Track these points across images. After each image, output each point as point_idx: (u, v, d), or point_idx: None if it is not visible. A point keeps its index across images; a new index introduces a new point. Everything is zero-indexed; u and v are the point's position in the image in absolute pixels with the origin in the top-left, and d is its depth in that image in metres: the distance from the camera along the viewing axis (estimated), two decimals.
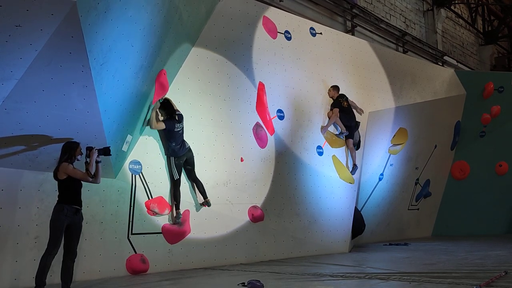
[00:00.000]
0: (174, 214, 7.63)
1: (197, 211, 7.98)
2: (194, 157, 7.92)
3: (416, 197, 13.02)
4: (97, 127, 6.03)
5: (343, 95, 10.28)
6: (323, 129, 10.02)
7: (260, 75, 9.17)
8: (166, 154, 7.69)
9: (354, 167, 10.24)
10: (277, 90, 9.42)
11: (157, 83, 7.30)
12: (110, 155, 5.72)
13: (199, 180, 7.96)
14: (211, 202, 8.00)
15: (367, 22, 16.51)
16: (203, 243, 7.95)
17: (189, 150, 7.81)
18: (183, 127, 7.69)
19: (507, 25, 25.97)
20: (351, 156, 10.29)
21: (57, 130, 5.90)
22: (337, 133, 10.25)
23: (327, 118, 10.17)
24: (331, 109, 10.17)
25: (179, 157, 7.66)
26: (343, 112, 10.16)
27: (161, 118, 7.59)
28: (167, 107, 7.63)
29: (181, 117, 7.65)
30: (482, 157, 13.61)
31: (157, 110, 7.52)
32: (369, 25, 16.59)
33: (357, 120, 10.46)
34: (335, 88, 10.26)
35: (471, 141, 13.88)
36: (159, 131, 7.64)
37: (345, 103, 10.22)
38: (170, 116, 7.57)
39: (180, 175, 7.69)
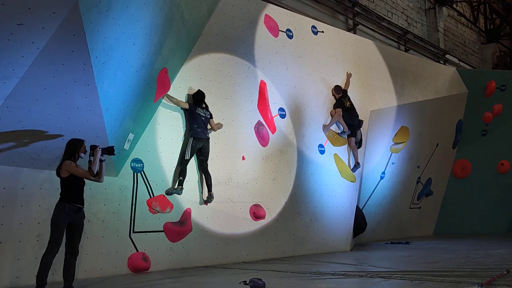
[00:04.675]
0: (175, 187, 7.64)
1: (199, 205, 7.98)
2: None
3: (417, 195, 13.02)
4: (99, 126, 6.04)
5: (346, 95, 10.28)
6: (325, 128, 10.01)
7: (262, 74, 9.17)
8: (188, 135, 7.86)
9: (357, 165, 10.22)
10: (279, 88, 9.41)
11: (158, 81, 7.30)
12: (114, 154, 5.72)
13: (209, 173, 8.01)
14: (213, 201, 8.03)
15: (368, 21, 16.49)
16: (204, 241, 7.96)
17: (207, 140, 7.99)
18: (206, 116, 7.99)
19: (509, 24, 25.90)
20: (353, 154, 10.28)
21: (59, 129, 5.90)
22: (339, 132, 10.24)
23: (330, 117, 10.16)
24: (334, 109, 10.17)
25: (197, 140, 7.81)
26: (346, 111, 10.16)
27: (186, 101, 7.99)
28: (200, 96, 8.01)
29: (207, 108, 8.08)
30: (484, 155, 13.60)
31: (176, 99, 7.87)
32: (370, 24, 16.57)
33: (360, 118, 10.46)
34: (336, 88, 10.25)
35: (473, 140, 13.87)
36: (185, 115, 7.93)
37: (348, 103, 10.22)
38: (197, 102, 7.95)
39: (191, 157, 7.78)
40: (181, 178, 7.66)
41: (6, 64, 5.08)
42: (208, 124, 8.10)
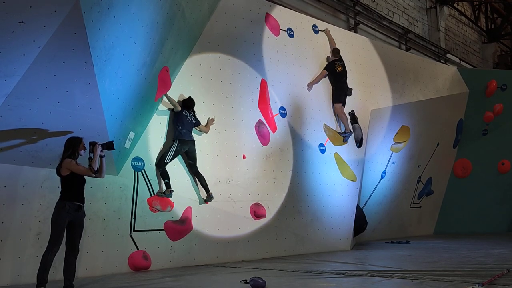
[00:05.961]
0: (163, 191, 7.54)
1: (199, 204, 7.98)
2: (196, 154, 7.94)
3: (418, 195, 13.02)
4: (100, 124, 6.04)
5: (341, 59, 10.17)
6: (309, 85, 9.87)
7: (263, 73, 9.17)
8: (172, 138, 7.74)
9: (348, 133, 10.11)
10: (280, 87, 9.41)
11: (159, 80, 7.30)
12: (114, 149, 5.71)
13: (201, 174, 7.96)
14: (213, 199, 8.02)
15: (369, 20, 16.48)
16: (205, 240, 7.96)
17: (193, 143, 7.87)
18: (192, 120, 7.86)
19: (510, 23, 25.89)
20: (342, 122, 10.15)
21: (60, 127, 5.90)
22: (340, 131, 10.21)
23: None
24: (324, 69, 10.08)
25: (182, 144, 7.68)
26: (336, 76, 10.07)
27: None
28: (188, 102, 7.92)
29: (194, 113, 7.99)
30: (485, 155, 13.60)
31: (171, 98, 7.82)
32: (371, 23, 16.57)
33: (356, 116, 10.43)
34: (334, 51, 10.17)
35: (473, 139, 13.86)
36: (170, 117, 7.83)
37: (340, 68, 10.10)
38: (186, 108, 7.87)
39: (170, 161, 7.63)
40: (166, 181, 7.54)
41: (7, 62, 5.07)
42: (197, 128, 8.01)
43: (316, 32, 10.39)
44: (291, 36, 9.84)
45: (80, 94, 5.66)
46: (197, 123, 8.00)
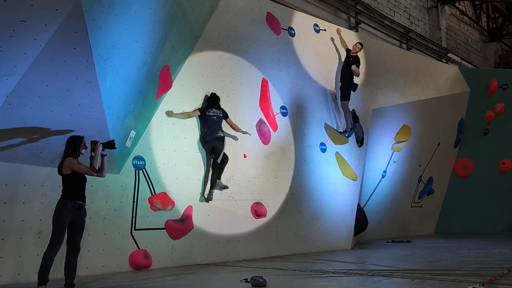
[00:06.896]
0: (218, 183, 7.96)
1: (200, 202, 7.99)
2: (198, 153, 8.01)
3: (419, 194, 13.02)
4: (101, 123, 6.04)
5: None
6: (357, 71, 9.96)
7: (264, 72, 9.17)
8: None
9: (349, 131, 10.11)
10: (281, 86, 9.41)
11: (160, 79, 7.30)
12: (115, 148, 5.72)
13: (216, 172, 8.06)
14: (213, 198, 8.04)
15: (371, 19, 16.47)
16: (205, 239, 7.97)
17: (217, 139, 8.00)
18: (218, 115, 8.04)
19: None
20: (346, 119, 10.14)
21: (61, 126, 5.90)
22: (340, 130, 10.21)
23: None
24: (356, 65, 10.08)
25: (206, 144, 7.98)
26: (350, 73, 10.11)
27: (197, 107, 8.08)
28: (212, 98, 8.13)
29: (219, 107, 8.13)
30: (486, 154, 13.59)
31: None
32: (373, 22, 16.56)
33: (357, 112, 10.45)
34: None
35: (474, 139, 13.86)
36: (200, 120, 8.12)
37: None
38: (210, 104, 8.04)
39: (213, 159, 8.01)
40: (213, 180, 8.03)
41: (8, 61, 5.08)
42: (224, 122, 8.15)
43: (317, 31, 10.38)
44: (292, 35, 9.83)
45: (81, 92, 5.67)
46: (225, 115, 8.17)
